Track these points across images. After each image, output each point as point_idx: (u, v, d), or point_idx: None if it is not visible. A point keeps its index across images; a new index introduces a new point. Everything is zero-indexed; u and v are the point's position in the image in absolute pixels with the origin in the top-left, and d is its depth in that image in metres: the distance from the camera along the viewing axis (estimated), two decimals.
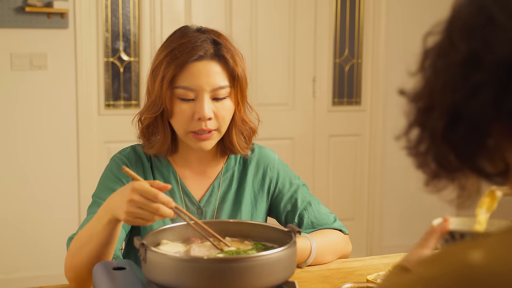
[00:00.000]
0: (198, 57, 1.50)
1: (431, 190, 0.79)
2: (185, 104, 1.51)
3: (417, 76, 0.77)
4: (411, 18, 4.21)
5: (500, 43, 0.68)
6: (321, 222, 1.67)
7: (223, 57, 1.52)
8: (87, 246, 1.39)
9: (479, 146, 0.72)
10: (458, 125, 0.71)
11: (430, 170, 0.77)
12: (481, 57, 0.69)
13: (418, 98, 0.77)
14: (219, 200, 1.65)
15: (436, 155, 0.75)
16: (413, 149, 0.78)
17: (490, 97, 0.68)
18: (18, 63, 3.54)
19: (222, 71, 1.52)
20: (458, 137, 0.72)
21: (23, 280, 3.57)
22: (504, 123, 0.69)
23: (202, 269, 1.16)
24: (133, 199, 1.26)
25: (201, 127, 1.51)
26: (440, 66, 0.74)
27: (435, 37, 0.76)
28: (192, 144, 1.55)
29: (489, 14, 0.70)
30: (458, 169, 0.75)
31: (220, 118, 1.53)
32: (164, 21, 3.80)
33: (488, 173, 0.73)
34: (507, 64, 0.67)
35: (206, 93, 1.50)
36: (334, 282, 1.51)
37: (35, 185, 3.65)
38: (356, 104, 4.30)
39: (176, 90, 1.51)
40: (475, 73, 0.69)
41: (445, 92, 0.72)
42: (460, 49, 0.71)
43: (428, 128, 0.75)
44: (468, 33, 0.71)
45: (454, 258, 0.65)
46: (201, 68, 1.50)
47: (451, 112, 0.72)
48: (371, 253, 4.28)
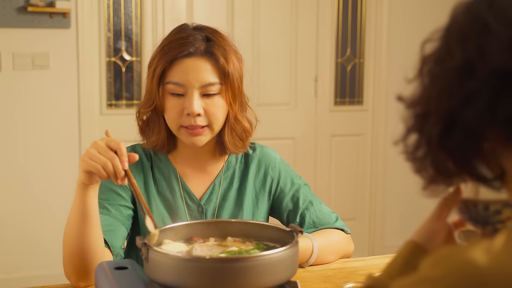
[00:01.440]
0: (188, 53, 1.52)
1: (429, 195, 0.79)
2: (175, 100, 1.53)
3: (415, 82, 0.78)
4: (413, 18, 4.21)
5: (494, 51, 0.69)
6: (323, 221, 1.67)
7: (213, 54, 1.53)
8: (71, 229, 1.41)
9: (474, 152, 0.72)
10: (454, 130, 0.72)
11: (428, 175, 0.78)
12: (476, 65, 0.70)
13: (415, 104, 0.77)
14: (220, 199, 1.65)
15: (433, 161, 0.76)
16: (411, 154, 0.79)
17: (484, 104, 0.69)
18: (20, 62, 3.55)
19: (212, 68, 1.53)
20: (454, 143, 0.72)
21: (24, 280, 3.58)
22: (498, 129, 0.70)
23: (204, 269, 1.16)
24: (97, 143, 1.33)
25: (190, 122, 1.52)
26: (437, 72, 0.74)
27: (433, 43, 0.76)
28: (185, 139, 1.56)
29: (484, 22, 0.70)
30: (455, 174, 0.75)
31: (210, 115, 1.54)
32: (166, 21, 3.80)
33: (485, 177, 0.73)
34: (500, 72, 0.68)
35: (195, 89, 1.51)
36: (336, 282, 1.51)
37: (36, 185, 3.65)
38: (358, 104, 4.30)
39: (167, 85, 1.53)
40: (469, 80, 0.70)
41: (441, 98, 0.73)
42: (456, 57, 0.72)
43: (425, 133, 0.76)
44: (463, 40, 0.72)
45: (458, 258, 0.65)
46: (190, 64, 1.51)
47: (446, 118, 0.72)
48: (373, 253, 4.28)
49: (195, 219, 1.62)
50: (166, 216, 1.61)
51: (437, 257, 0.67)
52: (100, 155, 1.31)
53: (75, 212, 1.40)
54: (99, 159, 1.31)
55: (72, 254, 1.42)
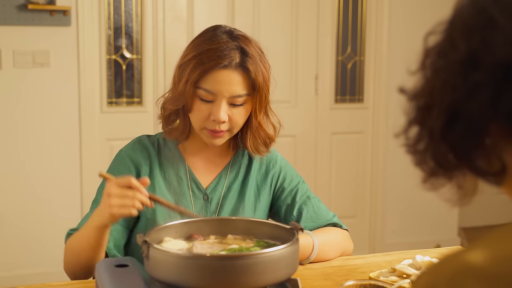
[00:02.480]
0: (223, 66, 1.55)
1: (429, 188, 0.79)
2: (204, 105, 1.58)
3: (417, 75, 0.78)
4: (413, 16, 4.20)
5: (499, 44, 0.68)
6: (320, 216, 1.70)
7: (247, 69, 1.57)
8: (79, 252, 1.51)
9: (476, 145, 0.72)
10: (456, 124, 0.72)
11: (428, 168, 0.77)
12: (480, 57, 0.69)
13: (417, 97, 0.77)
14: (225, 189, 1.69)
15: (434, 153, 0.76)
16: (411, 147, 0.78)
17: (488, 97, 0.69)
18: (21, 60, 3.55)
19: (243, 81, 1.57)
20: (456, 136, 0.72)
21: (25, 277, 3.58)
22: (501, 123, 0.70)
23: (205, 267, 1.16)
24: (111, 191, 1.39)
25: (214, 127, 1.58)
26: (440, 65, 0.74)
27: (436, 36, 0.76)
28: (205, 139, 1.63)
29: (489, 15, 0.70)
30: (455, 167, 0.75)
31: (233, 122, 1.59)
32: (166, 19, 3.80)
33: (485, 172, 0.73)
34: (505, 65, 0.68)
35: (224, 99, 1.56)
36: (336, 280, 1.51)
37: (37, 183, 3.65)
38: (359, 102, 4.30)
39: (198, 90, 1.57)
40: (473, 73, 0.70)
41: (445, 91, 0.73)
42: (460, 49, 0.71)
43: (427, 126, 0.76)
44: (468, 33, 0.72)
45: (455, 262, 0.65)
46: (224, 76, 1.55)
47: (449, 111, 0.72)
48: (373, 251, 4.28)
49: (199, 206, 1.65)
50: (169, 214, 1.61)
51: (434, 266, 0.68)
52: (123, 200, 1.39)
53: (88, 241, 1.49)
54: (125, 204, 1.38)
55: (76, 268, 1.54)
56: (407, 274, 1.45)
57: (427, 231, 4.42)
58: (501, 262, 0.62)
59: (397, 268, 1.47)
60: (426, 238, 4.38)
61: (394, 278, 1.45)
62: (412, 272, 1.44)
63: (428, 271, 0.68)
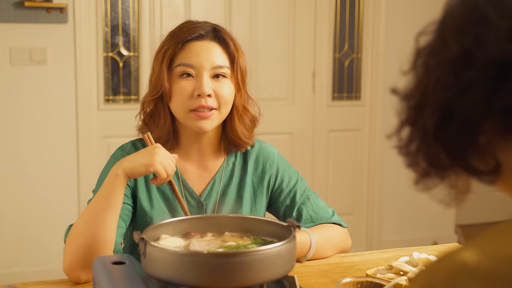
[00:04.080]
0: (199, 35, 1.55)
1: (421, 189, 0.79)
2: (185, 82, 1.55)
3: (409, 75, 0.78)
4: (410, 13, 4.20)
5: (493, 41, 0.68)
6: (319, 216, 1.68)
7: (224, 40, 1.56)
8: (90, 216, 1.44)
9: (470, 144, 0.72)
10: (450, 123, 0.72)
11: (421, 168, 0.77)
12: (473, 55, 0.69)
13: (410, 97, 0.77)
14: (220, 194, 1.66)
15: (427, 154, 0.75)
16: (404, 148, 0.78)
17: (481, 94, 0.69)
18: (18, 58, 3.54)
19: (222, 53, 1.57)
20: (449, 135, 0.72)
21: (23, 275, 3.58)
22: (495, 121, 0.69)
23: (202, 264, 1.16)
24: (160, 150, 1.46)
25: (200, 103, 1.54)
26: (432, 64, 0.74)
27: (427, 36, 0.76)
28: (192, 125, 1.57)
29: (482, 13, 0.70)
30: (448, 167, 0.75)
31: (220, 97, 1.56)
32: (163, 16, 3.79)
33: (479, 171, 0.73)
34: (498, 62, 0.68)
35: (206, 71, 1.54)
36: (333, 277, 1.51)
37: (35, 180, 3.65)
38: (356, 99, 4.30)
39: (176, 68, 1.55)
40: (467, 70, 0.70)
41: (437, 90, 0.72)
42: (452, 48, 0.71)
43: (419, 126, 0.75)
44: (460, 32, 0.72)
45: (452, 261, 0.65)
46: (201, 47, 1.54)
47: (442, 109, 0.72)
48: (370, 248, 4.28)
49: (194, 213, 1.62)
50: (166, 212, 1.61)
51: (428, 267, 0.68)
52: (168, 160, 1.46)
53: (100, 199, 1.44)
54: (168, 163, 1.45)
55: (84, 243, 1.42)
56: (404, 271, 1.45)
57: (424, 229, 4.43)
58: (497, 261, 0.62)
59: (394, 265, 1.47)
60: (423, 235, 4.39)
61: (391, 275, 1.45)
62: (409, 269, 1.45)
63: (425, 271, 0.68)
